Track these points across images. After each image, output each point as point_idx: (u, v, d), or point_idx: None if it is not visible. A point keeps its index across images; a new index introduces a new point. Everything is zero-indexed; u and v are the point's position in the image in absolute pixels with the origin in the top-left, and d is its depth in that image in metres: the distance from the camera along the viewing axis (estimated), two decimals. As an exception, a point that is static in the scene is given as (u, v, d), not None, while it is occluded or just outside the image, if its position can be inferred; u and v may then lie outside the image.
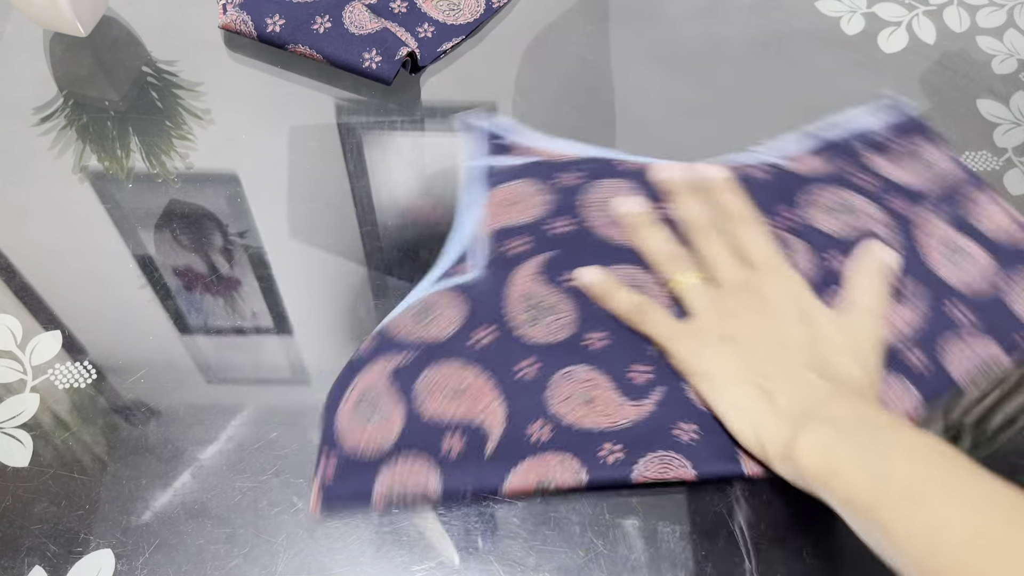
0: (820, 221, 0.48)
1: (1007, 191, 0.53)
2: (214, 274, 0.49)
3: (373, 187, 0.53)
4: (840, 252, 0.47)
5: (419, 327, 0.45)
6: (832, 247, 0.47)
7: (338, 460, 0.41)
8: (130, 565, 0.39)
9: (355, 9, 0.57)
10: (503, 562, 0.40)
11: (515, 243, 0.48)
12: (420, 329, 0.45)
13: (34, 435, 0.43)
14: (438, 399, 0.42)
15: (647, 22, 0.61)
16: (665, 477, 0.41)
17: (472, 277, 0.47)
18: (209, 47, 0.59)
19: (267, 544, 0.40)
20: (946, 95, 0.58)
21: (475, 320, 0.45)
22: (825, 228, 0.47)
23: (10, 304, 0.47)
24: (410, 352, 0.44)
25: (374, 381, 0.43)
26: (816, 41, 0.61)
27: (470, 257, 0.48)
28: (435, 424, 0.42)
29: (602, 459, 0.41)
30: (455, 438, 0.41)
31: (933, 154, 0.52)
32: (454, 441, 0.41)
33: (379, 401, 0.42)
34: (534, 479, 0.41)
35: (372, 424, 0.42)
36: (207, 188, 0.52)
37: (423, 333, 0.45)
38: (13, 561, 0.39)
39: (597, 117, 0.56)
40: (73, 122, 0.55)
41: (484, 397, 0.43)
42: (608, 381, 0.43)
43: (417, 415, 0.42)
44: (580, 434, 0.42)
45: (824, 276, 0.46)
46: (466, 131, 0.53)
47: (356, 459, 0.41)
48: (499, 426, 0.42)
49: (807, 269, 0.46)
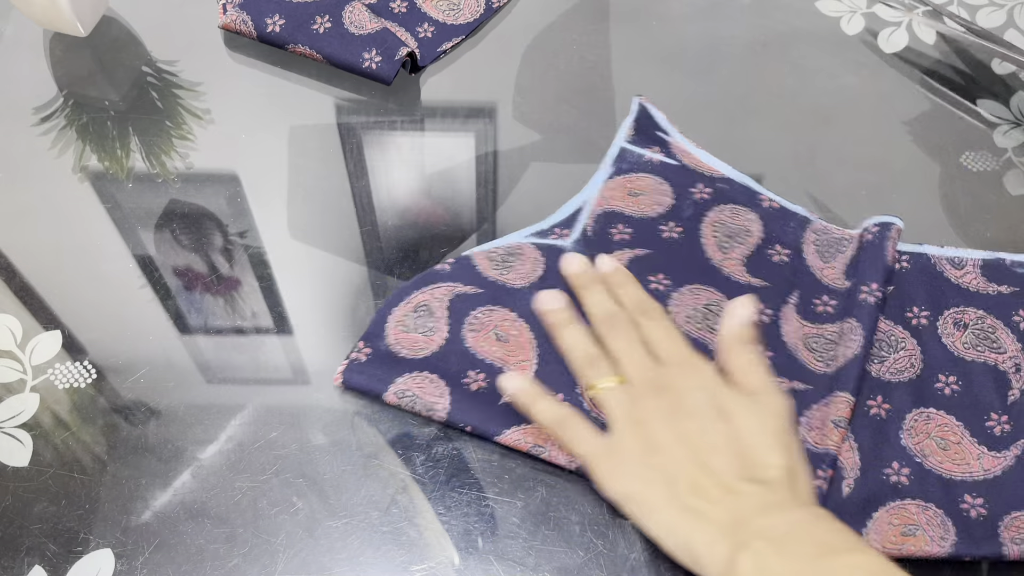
0: (955, 340, 0.46)
1: (1007, 191, 0.53)
2: (214, 274, 0.49)
3: (373, 187, 0.53)
4: (957, 375, 0.45)
5: (497, 268, 0.47)
6: (951, 370, 0.45)
7: (374, 348, 0.45)
8: (130, 565, 0.39)
9: (355, 9, 0.57)
10: (503, 562, 0.40)
11: (619, 230, 0.49)
12: (497, 270, 0.47)
13: (34, 435, 0.43)
14: (483, 335, 0.45)
15: (647, 22, 0.61)
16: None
17: (566, 244, 0.49)
18: (209, 47, 0.59)
19: (267, 544, 0.40)
20: (946, 95, 0.58)
21: (549, 282, 0.47)
22: (955, 348, 0.46)
23: (10, 304, 0.47)
24: (478, 286, 0.46)
25: (437, 297, 0.46)
26: (816, 41, 0.61)
27: (574, 225, 0.49)
28: (471, 355, 0.45)
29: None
30: (481, 375, 0.44)
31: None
32: (479, 377, 0.44)
33: (431, 315, 0.46)
34: (531, 442, 0.42)
35: (417, 333, 0.45)
36: (207, 188, 0.52)
37: (497, 275, 0.47)
38: (13, 561, 0.39)
39: (597, 117, 0.56)
40: (73, 122, 0.55)
41: (522, 351, 0.45)
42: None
43: (459, 340, 0.45)
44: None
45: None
46: (640, 112, 0.54)
47: (389, 354, 0.44)
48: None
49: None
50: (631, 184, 0.51)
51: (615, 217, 0.49)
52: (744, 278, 0.47)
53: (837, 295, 0.47)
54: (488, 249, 0.48)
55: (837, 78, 0.58)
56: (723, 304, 0.46)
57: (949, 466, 0.42)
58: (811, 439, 0.43)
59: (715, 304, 0.46)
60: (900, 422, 0.43)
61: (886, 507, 0.41)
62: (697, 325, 0.46)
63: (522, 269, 0.47)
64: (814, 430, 0.43)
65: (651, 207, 0.50)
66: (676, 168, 0.51)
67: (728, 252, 0.48)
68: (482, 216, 0.51)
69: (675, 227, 0.49)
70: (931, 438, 0.43)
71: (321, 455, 0.43)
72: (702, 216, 0.49)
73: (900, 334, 0.46)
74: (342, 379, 0.44)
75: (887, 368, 0.45)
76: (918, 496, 0.41)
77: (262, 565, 0.40)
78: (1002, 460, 0.42)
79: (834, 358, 0.45)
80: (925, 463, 0.42)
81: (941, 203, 0.52)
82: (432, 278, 0.47)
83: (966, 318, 0.46)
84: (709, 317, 0.46)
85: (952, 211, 0.52)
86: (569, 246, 0.48)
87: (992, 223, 0.51)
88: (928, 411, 0.43)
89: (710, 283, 0.47)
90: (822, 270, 0.48)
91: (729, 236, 0.49)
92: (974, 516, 0.40)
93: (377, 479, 0.42)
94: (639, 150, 0.52)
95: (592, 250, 0.48)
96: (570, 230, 0.49)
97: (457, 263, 0.47)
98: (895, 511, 0.41)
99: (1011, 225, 0.51)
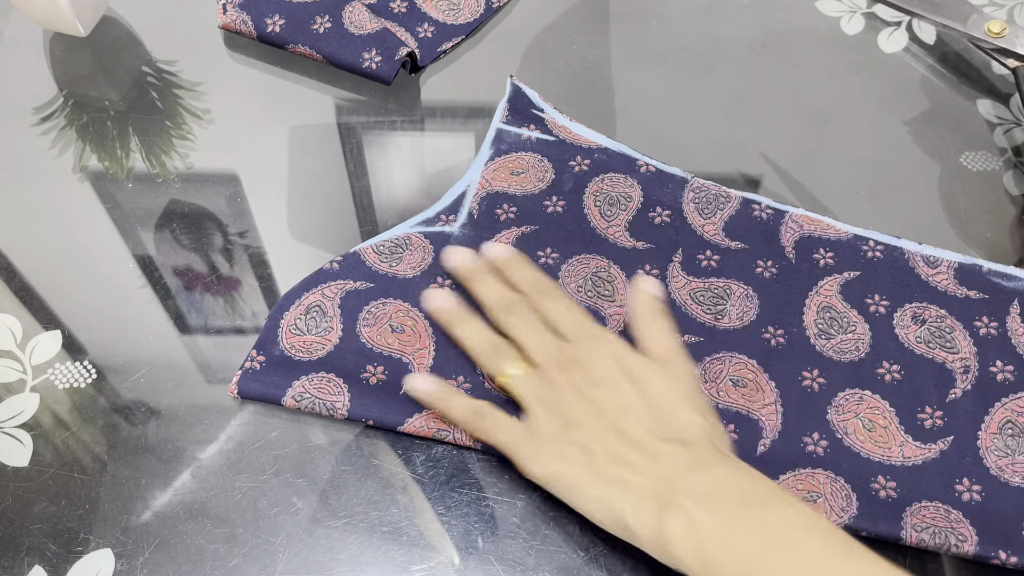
0: (909, 332, 0.46)
1: (1007, 191, 0.53)
2: (214, 274, 0.49)
3: (373, 187, 0.53)
4: (898, 366, 0.45)
5: (386, 261, 0.47)
6: (899, 358, 0.45)
7: (268, 355, 0.44)
8: (130, 565, 0.39)
9: (355, 9, 0.57)
10: (503, 562, 0.40)
11: (504, 209, 0.49)
12: (386, 263, 0.47)
13: (34, 435, 0.43)
14: (377, 329, 0.45)
15: (647, 22, 0.61)
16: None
17: (453, 230, 0.49)
18: (209, 47, 0.59)
19: (266, 544, 0.40)
20: (946, 95, 0.58)
21: (438, 269, 0.47)
22: (906, 339, 0.46)
23: (10, 304, 0.47)
24: (369, 280, 0.46)
25: (328, 296, 0.46)
26: (816, 41, 0.60)
27: (459, 210, 0.50)
28: (367, 350, 0.44)
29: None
30: (380, 368, 0.44)
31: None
32: (378, 371, 0.44)
33: (324, 316, 0.45)
34: (435, 427, 0.42)
35: (310, 335, 0.45)
36: (207, 188, 0.52)
37: (387, 267, 0.47)
38: (13, 561, 0.39)
39: (597, 117, 0.56)
40: (73, 122, 0.55)
41: (419, 340, 0.45)
42: None
43: (354, 336, 0.45)
44: (496, 399, 0.42)
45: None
46: (513, 92, 0.54)
47: (284, 359, 0.43)
48: (424, 370, 0.44)
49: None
50: (512, 164, 0.51)
51: (499, 197, 0.50)
52: (629, 242, 0.49)
53: (719, 251, 0.49)
54: (376, 242, 0.48)
55: (837, 78, 0.58)
56: (611, 270, 0.48)
57: (870, 447, 0.42)
58: (707, 391, 0.44)
59: (603, 271, 0.48)
60: (831, 397, 0.44)
61: (795, 472, 0.42)
62: (588, 294, 0.47)
63: (411, 259, 0.47)
64: (709, 383, 0.44)
65: (533, 184, 0.51)
66: (554, 143, 0.52)
67: (611, 220, 0.49)
68: (482, 216, 0.51)
69: (558, 201, 0.50)
70: (858, 418, 0.43)
71: (321, 455, 0.43)
72: (583, 187, 0.51)
73: (854, 318, 0.46)
74: (237, 389, 0.43)
75: (832, 346, 0.46)
76: (830, 468, 0.42)
77: (262, 565, 0.40)
78: (926, 452, 0.42)
79: (723, 312, 0.46)
80: (845, 440, 0.43)
81: (941, 203, 0.52)
82: (321, 277, 0.46)
83: (926, 314, 0.47)
84: (599, 284, 0.47)
85: (952, 211, 0.52)
86: (456, 231, 0.49)
87: (992, 223, 0.51)
88: (863, 393, 0.44)
89: (596, 251, 0.48)
90: (703, 226, 0.49)
91: (611, 204, 0.50)
92: (883, 496, 0.41)
93: (377, 479, 0.42)
94: (516, 130, 0.53)
95: (479, 232, 0.49)
96: (456, 215, 0.49)
97: (345, 260, 0.47)
98: (803, 478, 0.41)
99: (1011, 225, 0.51)
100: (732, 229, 0.49)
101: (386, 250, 0.48)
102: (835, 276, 0.48)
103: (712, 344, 0.45)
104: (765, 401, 0.44)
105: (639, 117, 0.56)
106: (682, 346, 0.42)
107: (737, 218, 0.50)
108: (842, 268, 0.48)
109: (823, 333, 0.46)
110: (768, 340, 0.46)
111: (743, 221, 0.50)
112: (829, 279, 0.48)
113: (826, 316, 0.46)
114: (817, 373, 0.45)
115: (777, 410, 0.43)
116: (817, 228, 0.49)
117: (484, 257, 0.46)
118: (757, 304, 0.47)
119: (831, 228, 0.49)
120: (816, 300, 0.47)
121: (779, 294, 0.47)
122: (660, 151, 0.53)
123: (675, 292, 0.47)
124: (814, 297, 0.47)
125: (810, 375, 0.45)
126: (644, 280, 0.44)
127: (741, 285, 0.47)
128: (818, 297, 0.47)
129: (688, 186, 0.51)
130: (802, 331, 0.46)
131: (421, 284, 0.46)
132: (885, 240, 0.49)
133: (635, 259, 0.48)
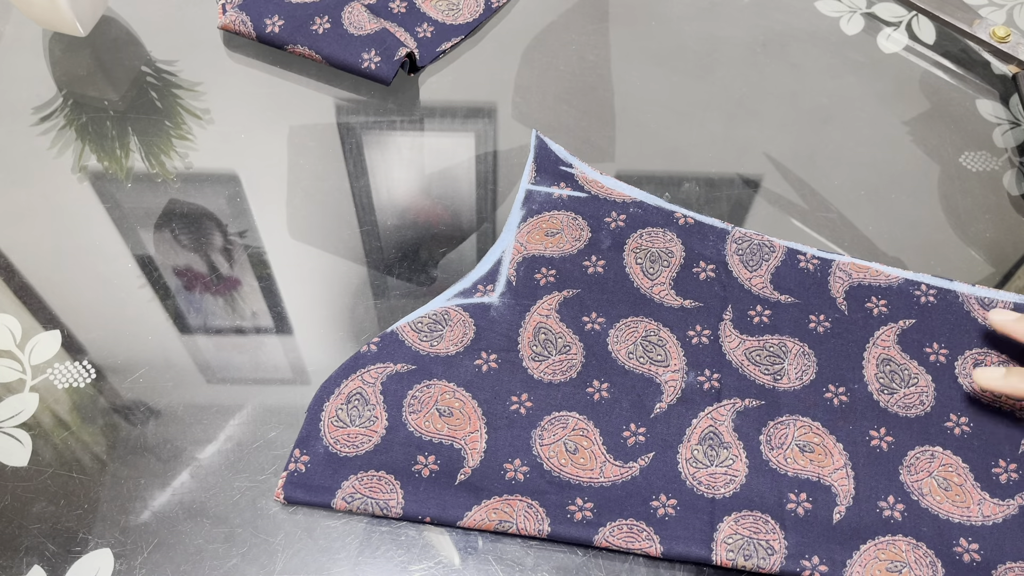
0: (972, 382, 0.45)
1: (1007, 191, 0.53)
2: (214, 274, 0.49)
3: (373, 187, 0.53)
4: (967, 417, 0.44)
5: (426, 339, 0.45)
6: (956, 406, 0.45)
7: (312, 454, 0.41)
8: (129, 564, 0.39)
9: (354, 9, 0.57)
10: (502, 562, 0.40)
11: (543, 273, 0.48)
12: (426, 341, 0.45)
13: (33, 435, 0.43)
14: (424, 415, 0.43)
15: (647, 22, 0.61)
16: (628, 547, 0.40)
17: (492, 300, 0.47)
18: (209, 47, 0.59)
19: (265, 544, 0.40)
20: (946, 95, 0.58)
21: (482, 343, 0.45)
22: (971, 389, 0.45)
23: (10, 304, 0.47)
24: (410, 362, 0.44)
25: (368, 382, 0.43)
26: (816, 41, 0.61)
27: (496, 278, 0.48)
28: (415, 439, 0.42)
29: (570, 514, 0.40)
30: (431, 458, 0.42)
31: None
32: (429, 460, 0.41)
33: (367, 404, 0.43)
34: (496, 519, 0.40)
35: (354, 426, 0.42)
36: (207, 188, 0.52)
37: (428, 346, 0.45)
38: (12, 560, 0.39)
39: (597, 117, 0.56)
40: (72, 122, 0.55)
41: (469, 422, 0.43)
42: (599, 435, 0.43)
43: (400, 425, 0.42)
44: (555, 483, 0.41)
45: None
46: (539, 149, 0.52)
47: (330, 456, 0.41)
48: (477, 455, 0.42)
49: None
50: (545, 224, 0.49)
51: (537, 261, 0.48)
52: (676, 302, 0.47)
53: (769, 305, 0.47)
54: (413, 320, 0.46)
55: (837, 78, 0.58)
56: (660, 333, 0.46)
57: (948, 507, 0.41)
58: (774, 458, 0.42)
59: (653, 334, 0.46)
60: (902, 457, 0.43)
61: (875, 541, 0.40)
62: (640, 360, 0.45)
63: (452, 336, 0.45)
64: (776, 449, 0.42)
65: (570, 244, 0.49)
66: (586, 200, 0.50)
67: (655, 278, 0.48)
68: (482, 216, 0.51)
69: (598, 261, 0.48)
70: (932, 477, 0.42)
71: (320, 455, 0.43)
72: (622, 244, 0.49)
73: (915, 369, 0.45)
74: (283, 495, 0.41)
75: (896, 401, 0.44)
76: (910, 534, 0.40)
77: (261, 565, 0.40)
78: (1005, 508, 0.41)
79: (782, 373, 0.45)
80: (922, 501, 0.41)
81: (941, 203, 0.52)
82: (360, 362, 0.44)
83: (988, 361, 0.45)
84: (651, 350, 0.45)
85: (952, 211, 0.52)
86: (496, 300, 0.47)
87: (992, 223, 0.51)
88: (933, 449, 0.43)
89: (643, 313, 0.47)
90: (750, 279, 0.48)
91: (653, 261, 0.48)
92: (967, 560, 0.40)
93: (376, 479, 0.42)
94: (546, 189, 0.51)
95: (519, 300, 0.47)
96: (494, 284, 0.47)
97: (383, 341, 0.45)
98: (884, 546, 0.40)
99: (1011, 225, 0.51)
100: (780, 282, 0.48)
101: (425, 327, 0.45)
102: (890, 325, 0.46)
103: (774, 408, 0.44)
104: (835, 465, 0.42)
105: (639, 117, 0.56)
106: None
107: (783, 269, 0.48)
108: (897, 316, 0.47)
109: (885, 388, 0.44)
110: (831, 400, 0.44)
111: (790, 273, 0.48)
112: (885, 328, 0.46)
113: (886, 369, 0.45)
114: (884, 432, 0.43)
115: (848, 474, 0.42)
116: (866, 276, 0.48)
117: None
118: (815, 362, 0.45)
119: (880, 274, 0.48)
120: (874, 352, 0.45)
121: (836, 349, 0.46)
122: (660, 151, 0.53)
123: (730, 353, 0.45)
124: (871, 349, 0.46)
125: (877, 434, 0.43)
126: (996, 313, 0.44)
127: (796, 342, 0.46)
128: (876, 349, 0.46)
129: (730, 237, 0.49)
130: (864, 387, 0.44)
131: (465, 361, 0.45)
132: (937, 284, 0.48)
133: (684, 319, 0.46)
